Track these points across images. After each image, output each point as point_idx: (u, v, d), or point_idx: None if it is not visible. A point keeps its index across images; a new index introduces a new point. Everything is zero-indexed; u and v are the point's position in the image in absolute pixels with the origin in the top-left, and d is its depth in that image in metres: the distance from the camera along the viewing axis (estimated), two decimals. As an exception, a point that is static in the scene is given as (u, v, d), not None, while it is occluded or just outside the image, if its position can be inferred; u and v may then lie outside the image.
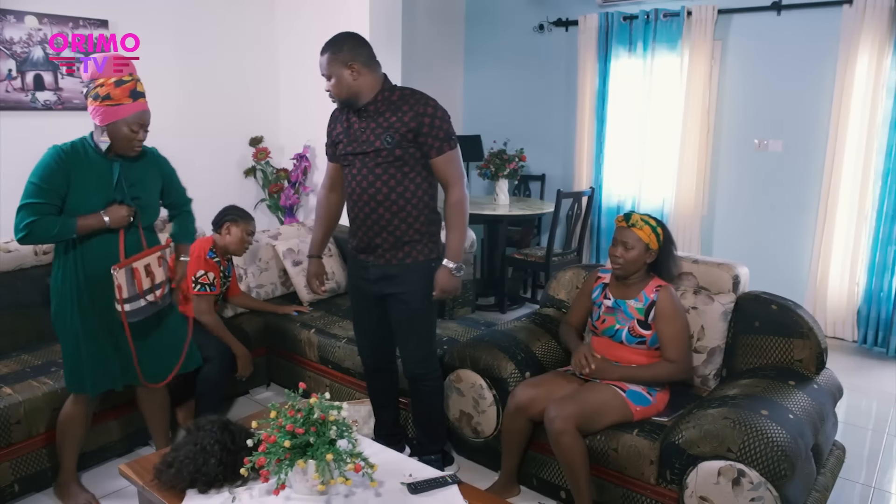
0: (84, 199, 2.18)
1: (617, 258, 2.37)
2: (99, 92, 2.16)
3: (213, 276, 2.98)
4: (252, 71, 4.40)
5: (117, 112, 2.16)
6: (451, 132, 2.33)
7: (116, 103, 2.16)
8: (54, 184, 2.14)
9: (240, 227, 3.07)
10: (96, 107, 2.16)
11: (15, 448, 2.40)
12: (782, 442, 1.94)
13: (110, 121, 2.16)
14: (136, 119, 2.21)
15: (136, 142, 2.24)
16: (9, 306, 2.88)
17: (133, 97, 2.20)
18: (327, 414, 1.78)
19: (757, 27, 4.51)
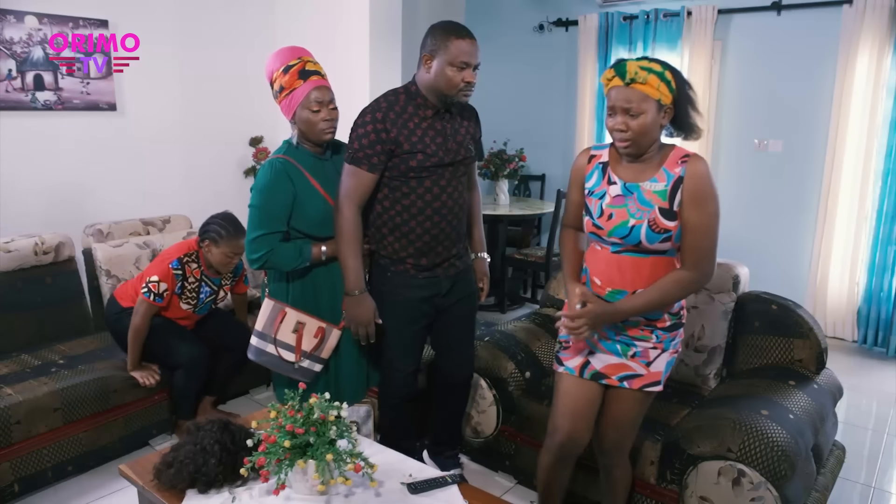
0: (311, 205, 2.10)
1: (621, 132, 1.69)
2: (275, 87, 2.10)
3: (164, 287, 2.68)
4: (252, 71, 4.39)
5: (293, 99, 2.07)
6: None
7: (290, 90, 2.07)
8: (280, 202, 2.06)
9: (220, 249, 2.72)
10: (280, 103, 2.11)
11: (15, 448, 2.40)
12: (782, 442, 1.94)
13: (293, 111, 2.08)
14: (311, 98, 2.07)
15: (322, 122, 2.10)
16: (9, 306, 2.88)
17: (303, 77, 2.08)
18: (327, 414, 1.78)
19: (757, 27, 4.51)
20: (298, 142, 2.15)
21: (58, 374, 2.62)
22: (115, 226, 3.34)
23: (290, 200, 2.07)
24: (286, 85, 2.06)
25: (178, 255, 2.74)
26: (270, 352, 2.14)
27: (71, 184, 3.57)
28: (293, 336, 2.13)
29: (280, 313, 2.12)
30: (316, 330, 2.15)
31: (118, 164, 3.75)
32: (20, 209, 3.36)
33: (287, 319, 2.13)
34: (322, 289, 2.20)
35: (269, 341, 2.13)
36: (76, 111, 3.53)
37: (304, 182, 2.10)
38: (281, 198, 2.06)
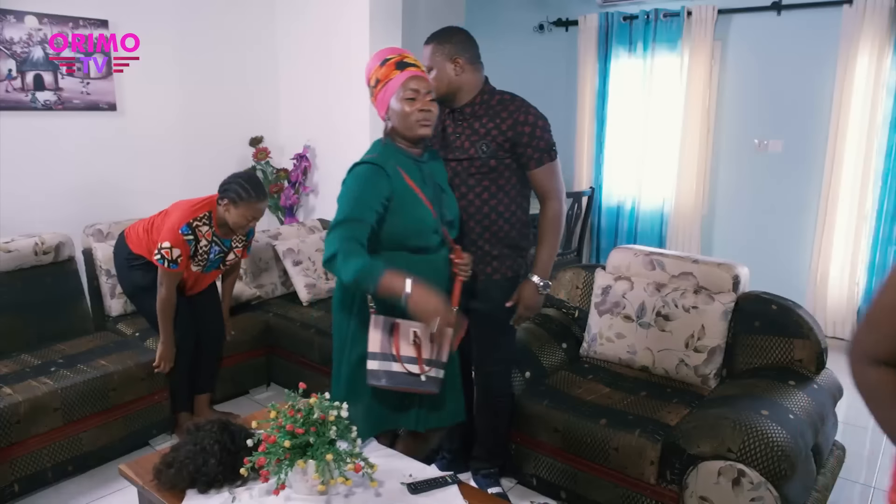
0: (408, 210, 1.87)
1: None
2: (371, 83, 1.92)
3: (178, 253, 2.63)
4: (252, 71, 4.41)
5: (387, 90, 1.87)
6: (551, 142, 2.19)
7: (385, 81, 1.88)
8: (375, 192, 1.82)
9: (239, 210, 2.66)
10: (375, 99, 1.92)
11: (15, 448, 2.40)
12: (782, 442, 1.94)
13: (387, 104, 1.88)
14: (406, 86, 1.85)
15: (417, 113, 1.86)
16: (9, 306, 2.88)
17: (399, 67, 1.87)
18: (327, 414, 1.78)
19: (757, 27, 4.51)
20: (390, 139, 1.94)
21: (58, 373, 2.62)
22: (115, 226, 3.35)
23: (387, 195, 1.82)
24: (382, 77, 1.88)
25: (187, 220, 2.66)
26: (396, 370, 1.88)
27: (71, 184, 3.57)
28: (413, 347, 1.90)
29: (394, 327, 1.88)
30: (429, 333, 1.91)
31: (118, 164, 3.75)
32: (20, 209, 3.36)
33: (402, 331, 1.89)
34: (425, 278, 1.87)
35: (392, 359, 1.88)
36: (76, 111, 3.53)
37: (401, 183, 1.86)
38: (376, 189, 1.82)
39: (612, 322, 2.73)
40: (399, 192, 1.85)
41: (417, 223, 1.89)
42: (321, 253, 3.69)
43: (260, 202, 2.69)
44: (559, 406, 2.42)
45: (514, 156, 2.17)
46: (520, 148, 2.15)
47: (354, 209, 1.79)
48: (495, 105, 2.17)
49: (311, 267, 3.66)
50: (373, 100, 1.94)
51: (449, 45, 2.16)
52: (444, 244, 1.96)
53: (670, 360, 2.58)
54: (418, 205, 1.88)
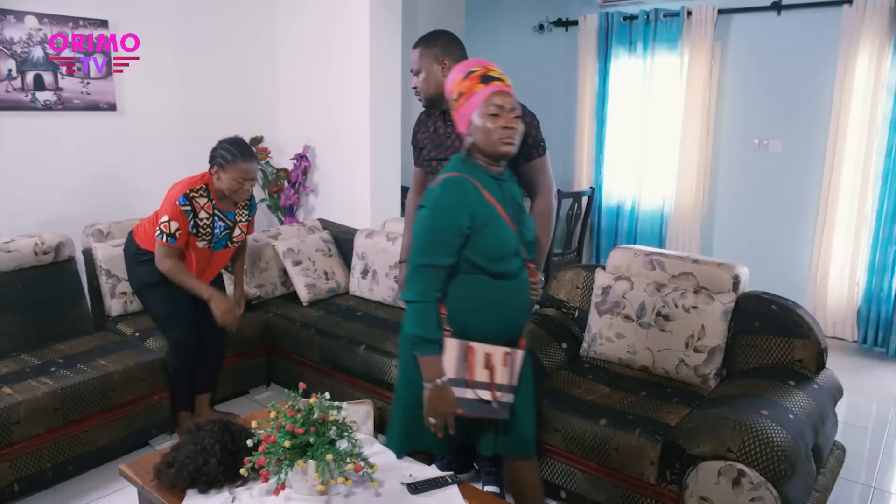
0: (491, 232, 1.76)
1: None
2: (454, 95, 1.83)
3: (176, 226, 2.62)
4: (252, 71, 4.41)
5: (470, 104, 1.78)
6: (539, 138, 2.19)
7: (468, 95, 1.78)
8: (455, 225, 1.73)
9: (228, 174, 2.63)
10: (457, 113, 1.82)
11: (15, 448, 2.40)
12: (782, 442, 1.94)
13: (469, 118, 1.79)
14: (490, 101, 1.75)
15: (501, 130, 1.75)
16: (9, 306, 2.88)
17: (484, 81, 1.78)
18: (327, 414, 1.78)
19: (757, 27, 4.51)
20: (471, 156, 1.83)
21: (57, 373, 2.62)
22: (115, 226, 3.35)
23: (467, 224, 1.74)
24: (465, 90, 1.79)
25: (184, 191, 2.66)
26: (469, 397, 1.81)
27: (71, 184, 3.57)
28: (486, 372, 1.82)
29: (469, 351, 1.79)
30: (503, 357, 1.83)
31: (118, 164, 3.75)
32: (20, 209, 3.36)
33: (477, 355, 1.81)
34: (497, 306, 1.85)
35: (465, 385, 1.80)
36: (76, 111, 3.53)
37: (483, 203, 1.76)
38: (456, 220, 1.73)
39: (612, 322, 2.73)
40: (482, 214, 1.76)
41: (500, 245, 1.78)
42: (321, 253, 3.72)
43: (246, 161, 2.66)
44: (559, 406, 2.42)
45: None
46: None
47: (429, 251, 1.75)
48: None
49: (311, 267, 3.66)
50: (454, 113, 1.85)
51: (435, 47, 2.21)
52: (523, 266, 1.87)
53: (670, 360, 2.58)
54: (501, 226, 1.78)
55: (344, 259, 3.83)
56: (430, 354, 1.77)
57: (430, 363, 1.77)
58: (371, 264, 3.57)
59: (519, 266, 1.85)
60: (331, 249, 3.80)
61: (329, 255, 3.77)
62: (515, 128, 1.78)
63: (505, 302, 1.83)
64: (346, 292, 3.75)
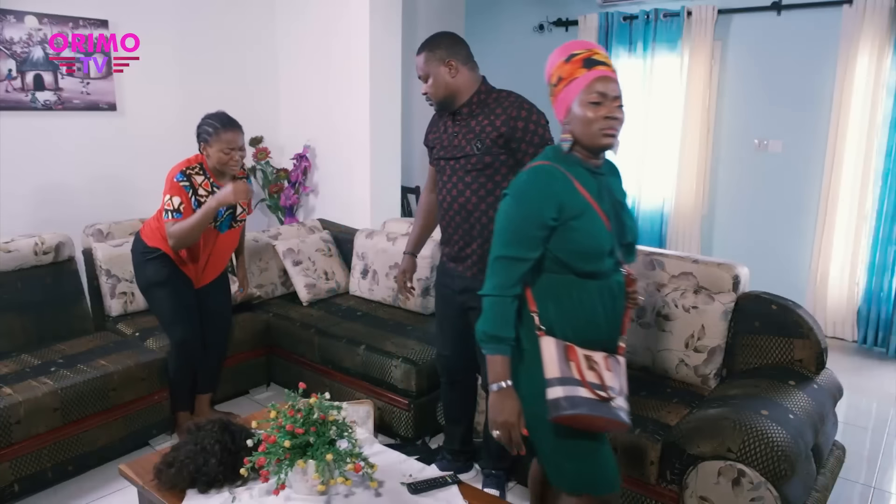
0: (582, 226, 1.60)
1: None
2: (553, 81, 1.66)
3: (178, 200, 2.63)
4: (252, 71, 4.41)
5: (570, 91, 1.61)
6: (546, 137, 2.15)
7: (569, 80, 1.61)
8: (539, 215, 1.59)
9: (215, 147, 2.64)
10: (556, 99, 1.66)
11: (15, 448, 2.40)
12: (782, 442, 1.94)
13: (567, 106, 1.62)
14: (592, 88, 1.58)
15: (602, 121, 1.58)
16: (9, 306, 2.88)
17: (587, 65, 1.60)
18: (327, 414, 1.78)
19: (757, 27, 4.51)
20: (569, 148, 1.67)
21: (57, 373, 2.62)
22: (115, 226, 3.35)
23: (552, 215, 1.59)
24: (565, 75, 1.62)
25: (181, 169, 2.68)
26: (584, 395, 1.57)
27: (71, 184, 3.57)
28: (593, 373, 1.61)
29: (569, 350, 1.60)
30: (605, 361, 1.64)
31: (118, 164, 3.75)
32: (20, 209, 3.36)
33: (578, 355, 1.61)
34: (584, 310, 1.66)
35: (577, 383, 1.58)
36: (76, 111, 3.53)
37: (574, 195, 1.61)
38: (541, 210, 1.59)
39: (612, 322, 2.73)
40: (572, 206, 1.60)
41: (591, 242, 1.61)
42: (321, 253, 3.72)
43: (228, 131, 2.67)
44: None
45: (509, 152, 2.16)
46: (513, 143, 2.14)
47: (511, 242, 1.60)
48: (491, 102, 2.20)
49: (310, 267, 3.66)
50: (552, 100, 1.68)
51: (439, 49, 2.19)
52: (618, 269, 1.70)
53: (670, 360, 2.58)
54: (594, 221, 1.62)
55: (344, 259, 3.84)
56: (498, 354, 1.62)
57: (498, 363, 1.62)
58: (371, 264, 3.57)
59: (612, 268, 1.67)
60: (331, 249, 3.80)
61: (329, 255, 3.77)
62: (619, 118, 1.61)
63: (594, 306, 1.64)
64: (346, 292, 3.75)
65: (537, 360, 1.60)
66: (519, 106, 2.15)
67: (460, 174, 2.22)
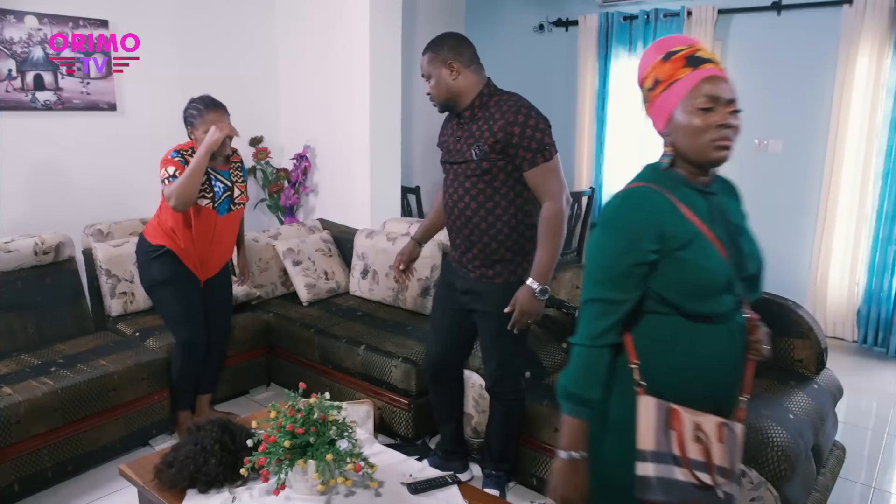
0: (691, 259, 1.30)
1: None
2: (647, 84, 1.41)
3: (173, 169, 2.59)
4: (252, 71, 4.41)
5: (671, 95, 1.35)
6: (545, 142, 2.12)
7: (669, 82, 1.35)
8: (636, 249, 1.31)
9: (201, 128, 2.65)
10: (652, 106, 1.42)
11: (15, 448, 2.40)
12: (782, 442, 1.94)
13: (668, 113, 1.37)
14: (700, 91, 1.32)
15: (713, 131, 1.32)
16: (9, 306, 2.88)
17: (692, 64, 1.34)
18: (327, 414, 1.78)
19: (757, 27, 4.51)
20: (671, 163, 1.43)
21: (57, 373, 2.62)
22: (115, 226, 3.35)
23: (653, 246, 1.31)
24: (664, 76, 1.36)
25: (174, 149, 2.68)
26: (681, 479, 1.29)
27: (71, 184, 3.57)
28: (698, 447, 1.31)
29: (672, 415, 1.31)
30: (718, 429, 1.33)
31: (118, 164, 3.75)
32: (20, 209, 3.36)
33: (684, 423, 1.31)
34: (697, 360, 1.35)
35: (674, 461, 1.29)
36: (76, 111, 3.53)
37: (679, 221, 1.33)
38: (639, 241, 1.31)
39: (612, 322, 2.73)
40: (677, 233, 1.31)
41: (703, 277, 1.31)
42: (321, 253, 3.72)
43: (212, 111, 2.69)
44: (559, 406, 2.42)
45: (507, 158, 2.13)
46: (511, 149, 2.11)
47: (610, 280, 1.33)
48: (492, 107, 2.17)
49: (310, 267, 3.66)
50: (647, 107, 1.44)
51: (443, 51, 2.18)
52: (738, 308, 1.38)
53: (670, 360, 2.58)
54: (706, 250, 1.32)
55: (344, 259, 3.83)
56: (577, 417, 1.37)
57: (575, 428, 1.37)
58: (371, 264, 3.57)
59: (731, 307, 1.35)
60: (331, 249, 3.80)
61: (329, 255, 3.77)
62: (734, 126, 1.35)
63: (708, 356, 1.35)
64: (346, 292, 3.75)
65: (631, 423, 1.32)
66: (517, 110, 2.11)
67: (461, 179, 2.21)
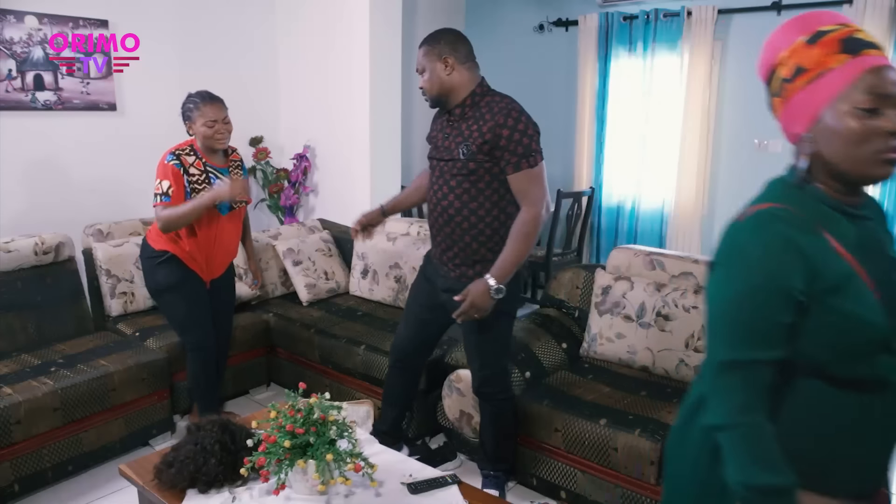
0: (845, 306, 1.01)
1: None
2: (783, 72, 1.10)
3: (167, 184, 2.59)
4: (252, 71, 4.41)
5: (819, 89, 1.05)
6: (532, 148, 2.11)
7: (818, 72, 1.05)
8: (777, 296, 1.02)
9: (198, 122, 2.62)
10: (788, 101, 1.12)
11: (15, 448, 2.40)
12: (782, 442, 1.94)
13: (815, 113, 1.07)
14: (866, 85, 1.00)
15: (879, 138, 1.01)
16: (9, 306, 2.88)
17: (850, 49, 1.03)
18: (327, 414, 1.78)
19: (757, 27, 4.51)
20: (810, 178, 1.14)
21: (57, 373, 2.62)
22: (115, 226, 3.35)
23: (801, 286, 1.01)
24: (810, 64, 1.06)
25: (171, 151, 2.66)
26: None
27: (71, 184, 3.57)
28: None
29: None
30: None
31: (118, 164, 3.75)
32: (20, 209, 3.36)
33: None
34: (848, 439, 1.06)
35: None
36: (76, 111, 3.53)
37: (829, 256, 1.03)
38: (783, 279, 1.01)
39: (612, 322, 2.73)
40: (827, 272, 1.02)
41: (858, 332, 1.01)
42: (321, 253, 3.72)
43: (208, 104, 2.64)
44: (559, 406, 2.42)
45: (493, 160, 2.13)
46: (497, 151, 2.11)
47: (750, 334, 1.06)
48: (483, 107, 2.16)
49: (310, 267, 3.66)
50: (779, 102, 1.16)
51: (439, 45, 2.18)
52: None
53: (670, 360, 2.58)
54: (861, 297, 1.02)
55: (344, 259, 3.83)
56: None
57: None
58: (371, 264, 3.57)
59: (890, 370, 1.03)
60: (331, 249, 3.80)
61: (329, 255, 3.77)
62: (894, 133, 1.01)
63: (857, 434, 1.05)
64: (346, 292, 3.75)
65: None
66: (507, 113, 2.10)
67: (446, 177, 2.22)
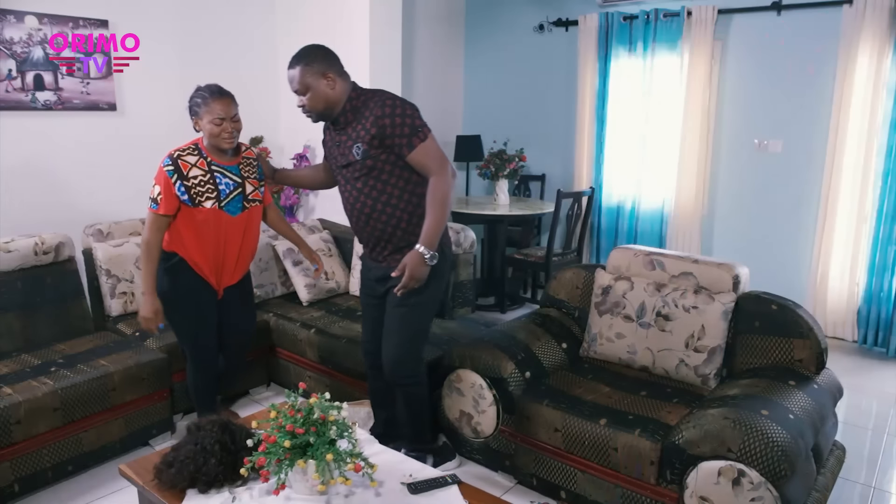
0: None
1: None
2: None
3: (158, 190, 2.47)
4: (252, 71, 4.41)
5: None
6: (416, 125, 2.22)
7: None
8: None
9: (205, 119, 2.47)
10: None
11: (15, 448, 2.40)
12: (782, 442, 1.94)
13: None
14: None
15: None
16: (9, 306, 2.88)
17: None
18: (327, 414, 1.78)
19: (757, 27, 4.51)
20: None
21: (57, 373, 2.62)
22: (115, 226, 3.35)
23: None
24: None
25: (170, 154, 2.52)
26: None
27: (71, 184, 3.57)
28: None
29: None
30: None
31: (118, 164, 3.75)
32: (20, 209, 3.36)
33: None
34: None
35: None
36: (76, 111, 3.53)
37: None
38: None
39: (612, 322, 2.73)
40: None
41: None
42: (321, 253, 3.72)
43: (216, 99, 2.48)
44: (559, 406, 2.42)
45: (387, 150, 2.25)
46: (387, 140, 2.23)
47: None
48: (360, 107, 2.29)
49: (310, 267, 3.65)
50: None
51: (316, 63, 2.26)
52: None
53: (670, 360, 2.58)
54: None
55: (344, 259, 3.83)
56: None
57: None
58: (371, 264, 3.57)
59: None
60: (331, 249, 3.80)
61: (329, 255, 3.77)
62: None
63: None
64: (346, 292, 3.75)
65: None
66: (382, 104, 2.23)
67: (352, 182, 2.34)
